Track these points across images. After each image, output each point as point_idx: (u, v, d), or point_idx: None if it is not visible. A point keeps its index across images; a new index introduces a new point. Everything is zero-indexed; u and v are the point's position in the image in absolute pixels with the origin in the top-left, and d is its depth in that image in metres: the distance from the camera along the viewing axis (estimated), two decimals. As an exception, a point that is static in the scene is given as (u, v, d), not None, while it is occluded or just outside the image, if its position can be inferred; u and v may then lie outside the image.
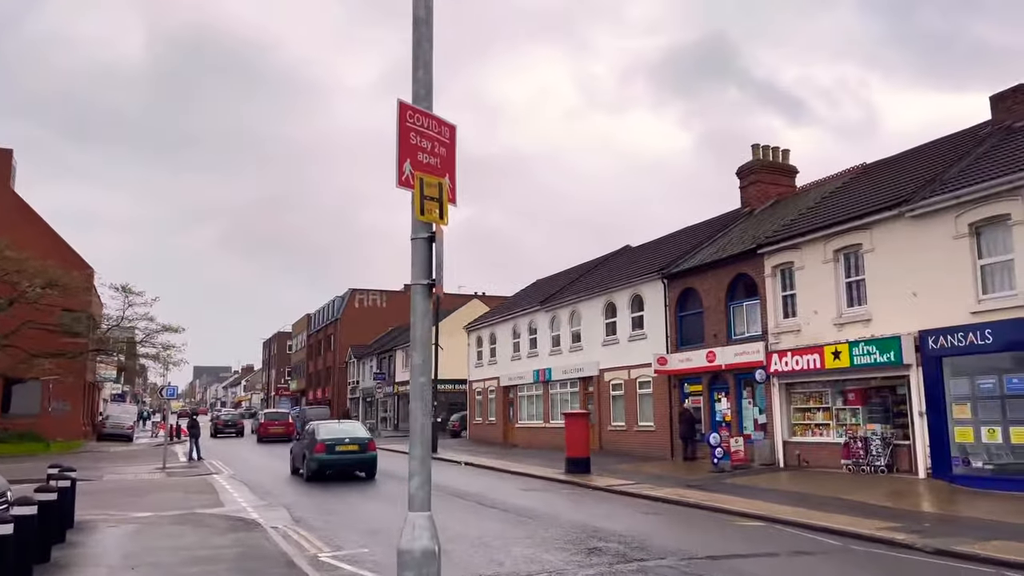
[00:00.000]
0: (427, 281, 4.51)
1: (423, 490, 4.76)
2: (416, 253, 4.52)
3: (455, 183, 4.81)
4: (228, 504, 16.38)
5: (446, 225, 4.59)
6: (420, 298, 4.55)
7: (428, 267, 4.51)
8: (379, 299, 78.07)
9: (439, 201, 4.53)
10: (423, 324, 4.52)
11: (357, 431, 23.25)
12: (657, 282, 27.07)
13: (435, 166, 4.73)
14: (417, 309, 4.54)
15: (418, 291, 4.55)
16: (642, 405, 27.89)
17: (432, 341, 4.29)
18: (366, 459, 21.78)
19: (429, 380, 4.47)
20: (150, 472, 24.48)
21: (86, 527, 12.40)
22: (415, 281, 4.53)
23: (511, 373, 37.71)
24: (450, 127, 5.08)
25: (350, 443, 21.64)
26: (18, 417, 38.82)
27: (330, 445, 21.35)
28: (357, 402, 69.73)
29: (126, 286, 40.12)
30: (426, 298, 4.55)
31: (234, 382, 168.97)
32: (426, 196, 4.46)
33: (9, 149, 42.16)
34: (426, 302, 4.56)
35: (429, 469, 4.72)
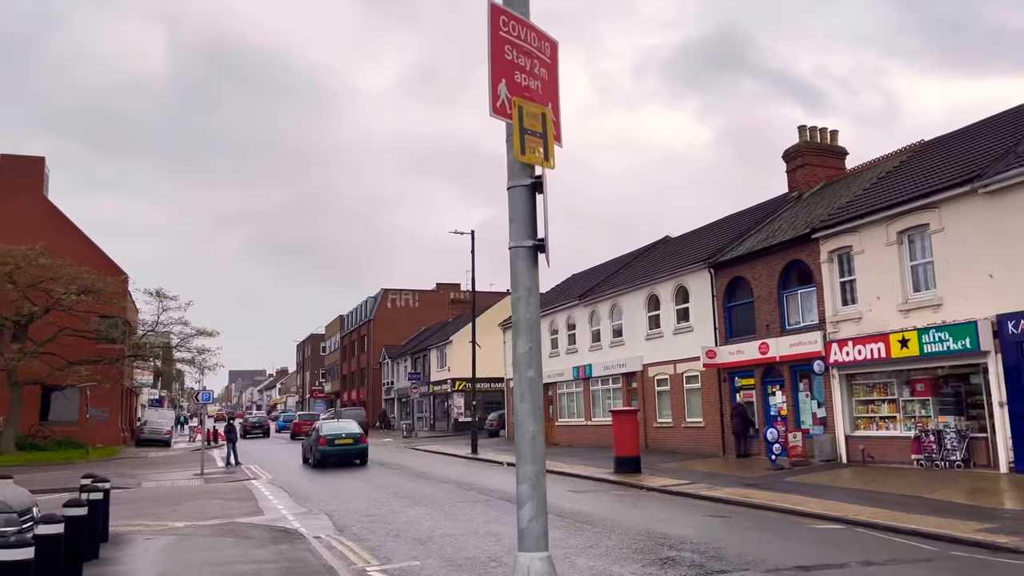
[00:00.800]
0: (531, 242, 3.38)
1: (538, 523, 3.50)
2: (515, 205, 3.43)
3: (559, 117, 3.67)
4: (268, 512, 15.72)
5: (552, 168, 3.49)
6: (524, 265, 3.37)
7: (531, 223, 3.39)
8: (411, 299, 77.62)
9: (543, 137, 3.47)
10: (528, 301, 3.40)
11: (352, 428, 28.41)
12: (703, 272, 25.99)
13: (536, 91, 3.60)
14: (520, 280, 3.38)
15: (520, 256, 3.39)
16: (690, 400, 26.84)
17: (539, 322, 3.31)
18: (360, 449, 27.18)
19: (539, 374, 3.44)
20: (188, 478, 24.01)
21: (121, 540, 11.76)
22: (516, 243, 3.42)
23: (549, 370, 36.80)
24: (551, 43, 3.97)
25: (346, 437, 27.22)
26: (57, 424, 38.85)
27: (330, 439, 26.96)
28: (392, 403, 69.32)
29: (160, 291, 40.05)
30: (531, 266, 3.39)
31: (269, 385, 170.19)
32: (527, 130, 3.40)
33: (41, 157, 42.28)
34: (531, 271, 3.40)
35: (544, 494, 3.60)
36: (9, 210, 39.37)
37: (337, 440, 27.02)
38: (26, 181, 40.76)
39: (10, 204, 39.74)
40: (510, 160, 3.51)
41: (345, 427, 28.57)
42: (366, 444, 27.89)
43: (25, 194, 40.42)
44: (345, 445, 26.91)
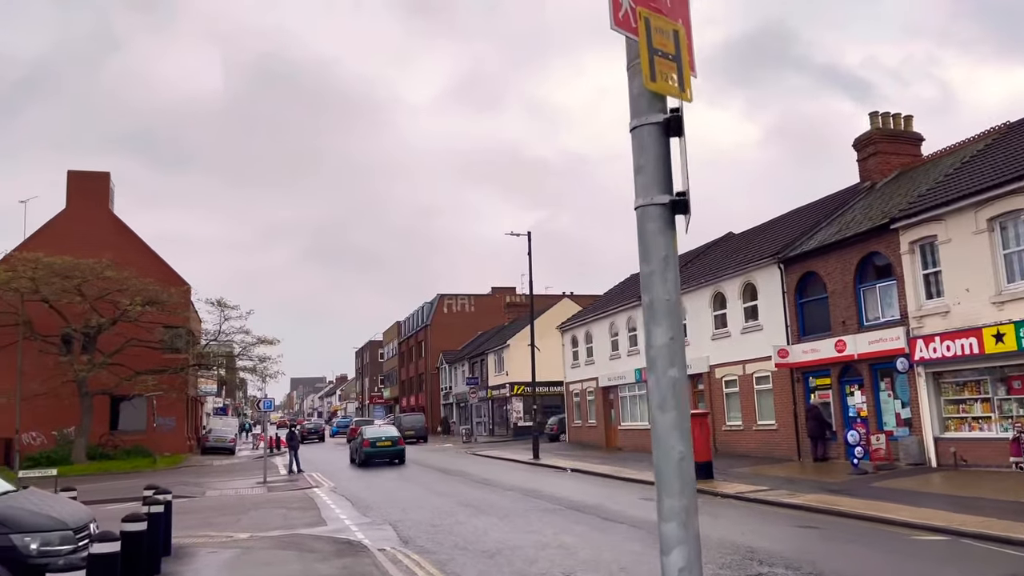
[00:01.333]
0: (666, 198, 2.52)
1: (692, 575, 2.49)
2: (643, 149, 2.57)
3: (692, 42, 2.81)
4: (331, 522, 15.36)
5: (690, 102, 2.62)
6: (656, 229, 2.53)
7: (665, 173, 2.53)
8: (467, 303, 77.42)
9: (676, 61, 2.63)
10: (665, 276, 2.51)
11: (391, 432, 33.10)
12: (772, 268, 24.87)
13: (663, 2, 2.72)
14: (652, 248, 2.53)
15: (651, 217, 2.55)
16: (760, 402, 25.71)
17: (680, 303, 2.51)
18: (397, 450, 31.27)
19: (684, 373, 2.62)
20: (251, 487, 23.95)
21: (184, 554, 11.47)
22: (645, 200, 2.56)
23: (611, 373, 35.96)
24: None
25: (386, 440, 31.45)
26: (126, 433, 39.59)
27: (373, 442, 31.15)
28: (451, 407, 69.16)
29: (221, 300, 40.54)
30: (666, 228, 2.54)
31: (329, 392, 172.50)
32: (656, 50, 2.55)
33: (106, 172, 43.26)
34: (667, 236, 2.54)
35: (697, 536, 2.55)
36: (77, 224, 40.34)
37: (378, 443, 31.29)
38: (92, 196, 41.75)
39: (77, 218, 40.73)
40: (634, 91, 2.67)
41: (385, 431, 33.35)
42: (403, 446, 32.15)
43: (92, 209, 41.39)
44: (385, 447, 31.16)
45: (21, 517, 6.92)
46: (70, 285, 34.86)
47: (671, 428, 2.49)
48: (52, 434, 38.01)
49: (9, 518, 6.81)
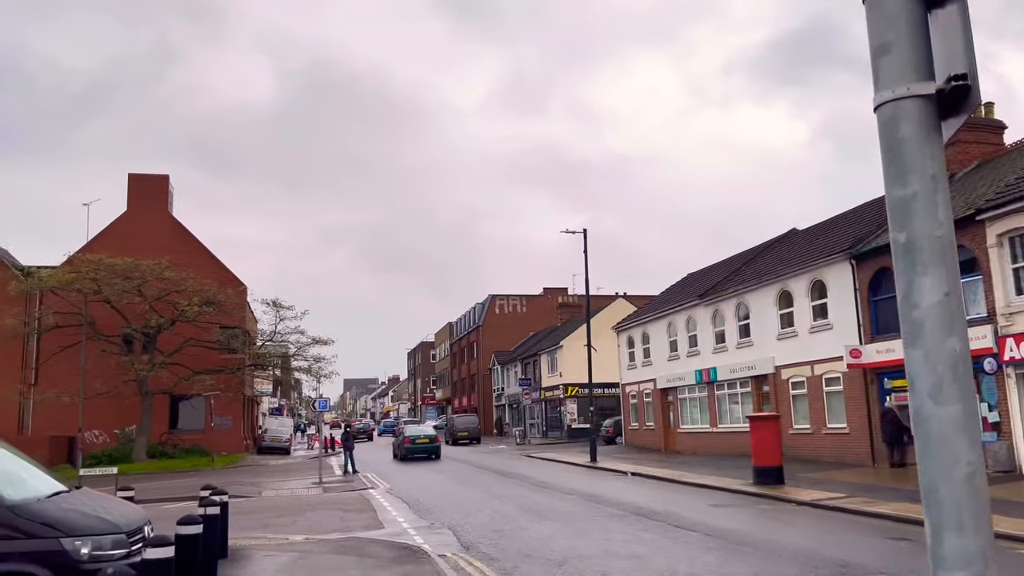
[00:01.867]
0: (930, 87, 1.76)
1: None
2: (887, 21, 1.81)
3: None
4: (388, 525, 14.93)
5: None
6: (914, 132, 1.77)
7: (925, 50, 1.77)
8: (519, 304, 76.93)
9: None
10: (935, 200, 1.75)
11: (428, 431, 37.78)
12: (843, 264, 23.70)
13: None
14: (911, 163, 1.75)
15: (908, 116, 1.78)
16: (831, 404, 24.54)
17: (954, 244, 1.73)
18: (433, 447, 35.54)
19: (967, 345, 1.81)
20: (307, 487, 23.77)
21: (240, 556, 11.13)
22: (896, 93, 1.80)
23: (669, 374, 34.98)
24: None
25: (423, 438, 36.04)
26: (185, 432, 40.08)
27: (412, 439, 35.71)
28: (503, 409, 68.73)
29: (276, 301, 40.79)
30: (931, 131, 1.77)
31: (381, 393, 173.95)
32: None
33: (165, 175, 43.94)
34: (932, 143, 1.77)
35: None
36: (137, 226, 41.05)
37: (417, 440, 35.76)
38: (152, 198, 42.45)
39: (138, 220, 41.44)
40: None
41: (423, 431, 37.88)
42: (439, 443, 36.45)
43: (151, 211, 42.08)
44: (423, 443, 35.50)
45: (72, 519, 6.57)
46: (131, 286, 35.41)
47: (954, 428, 1.68)
48: (114, 432, 38.69)
49: (59, 520, 6.46)
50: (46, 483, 7.43)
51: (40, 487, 7.23)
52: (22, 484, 7.10)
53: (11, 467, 7.45)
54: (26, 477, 7.43)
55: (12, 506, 6.38)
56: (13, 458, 7.73)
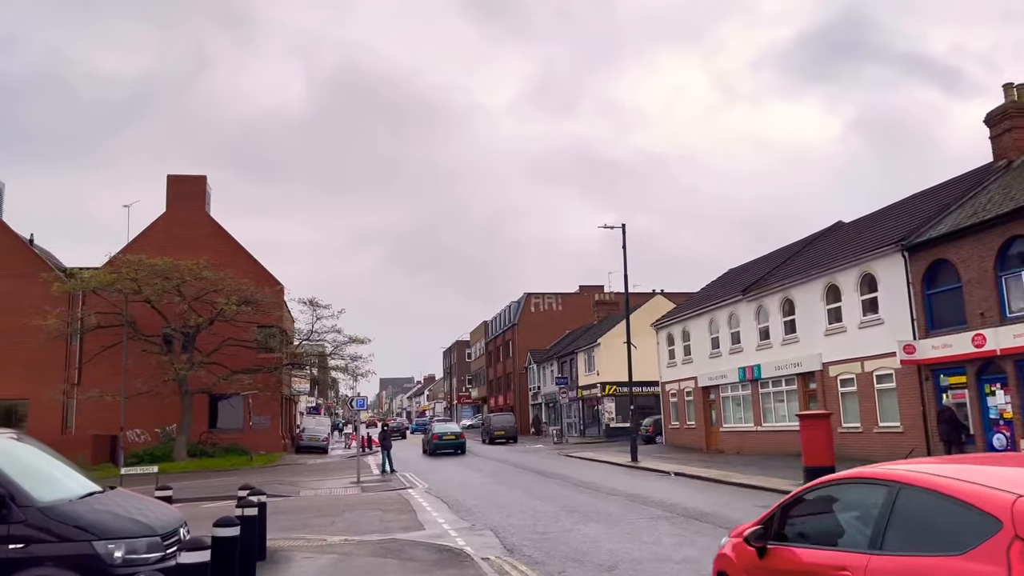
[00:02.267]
0: None
1: None
2: None
3: None
4: (428, 526, 14.58)
5: None
6: None
7: None
8: (554, 302, 76.37)
9: None
10: None
11: (454, 428, 42.65)
12: (894, 256, 22.80)
13: None
14: None
15: None
16: (882, 402, 23.66)
17: None
18: (459, 443, 39.52)
19: None
20: (345, 487, 23.57)
21: (279, 559, 10.84)
22: None
23: (711, 372, 34.21)
24: None
25: (450, 435, 40.19)
26: (224, 431, 40.33)
27: (440, 435, 39.94)
28: (539, 407, 68.26)
29: (313, 300, 40.78)
30: None
31: (417, 392, 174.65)
32: None
33: (203, 176, 44.27)
34: None
35: None
36: (175, 227, 41.41)
37: (444, 436, 39.97)
38: (190, 199, 42.80)
39: (176, 221, 41.80)
40: None
41: (449, 428, 42.69)
42: (464, 440, 40.50)
43: (189, 211, 42.42)
44: (449, 440, 39.71)
45: (105, 522, 6.28)
46: (170, 286, 35.67)
47: None
48: (155, 431, 39.07)
49: (92, 523, 6.17)
50: (80, 483, 7.17)
51: (74, 487, 6.97)
52: (55, 484, 6.84)
53: (44, 466, 7.20)
54: (60, 477, 7.18)
55: (43, 508, 6.11)
56: (46, 457, 7.49)
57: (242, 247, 43.61)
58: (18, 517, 5.96)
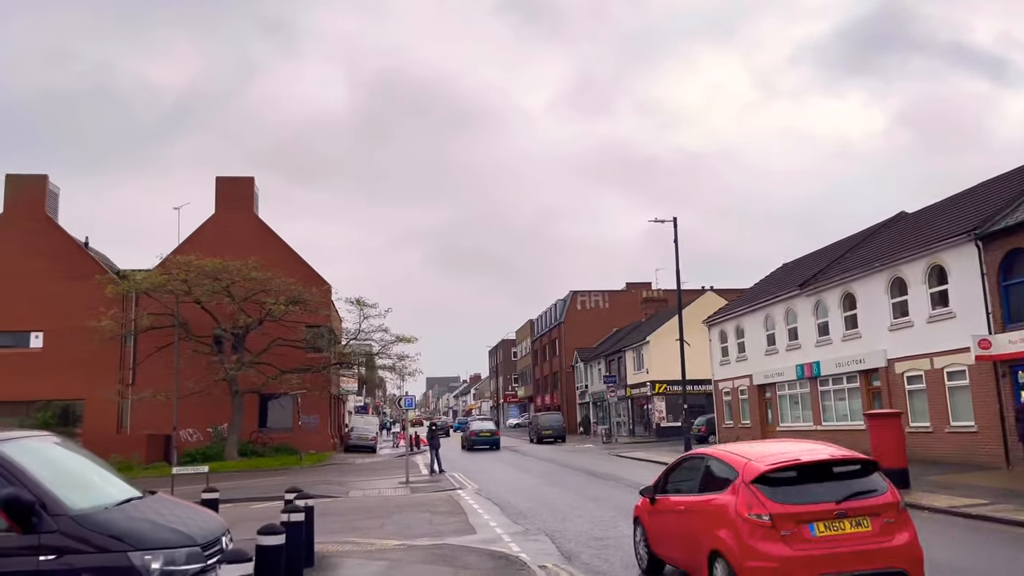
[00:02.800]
0: None
1: None
2: None
3: None
4: (480, 530, 14.06)
5: None
6: None
7: None
8: (601, 300, 75.42)
9: None
10: None
11: (489, 426, 47.46)
12: (967, 246, 21.56)
13: None
14: None
15: None
16: (954, 400, 22.41)
17: None
18: (494, 440, 44.33)
19: None
20: (394, 487, 23.23)
21: (328, 565, 10.42)
22: None
23: (766, 369, 33.09)
24: None
25: (485, 432, 45.16)
26: (274, 431, 40.50)
27: (477, 432, 44.98)
28: (587, 406, 67.45)
29: (360, 299, 40.60)
30: None
31: (463, 391, 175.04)
32: None
33: (250, 177, 44.54)
34: None
35: None
36: (224, 228, 41.72)
37: (480, 433, 44.87)
38: (238, 200, 43.09)
39: (225, 222, 42.13)
40: None
41: (485, 426, 47.71)
42: (498, 436, 45.59)
43: (238, 212, 42.71)
44: (485, 436, 44.46)
45: (142, 531, 5.87)
46: (219, 286, 35.88)
47: None
48: (207, 431, 39.37)
49: (128, 532, 5.77)
50: (118, 488, 6.79)
51: (112, 493, 6.58)
52: (91, 490, 6.47)
53: (81, 471, 6.85)
54: (97, 482, 6.81)
55: (77, 516, 5.71)
56: (85, 460, 7.14)
57: (289, 247, 43.77)
58: (49, 526, 5.58)
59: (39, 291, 39.26)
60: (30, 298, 39.22)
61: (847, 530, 6.94)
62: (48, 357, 39.24)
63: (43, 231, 40.75)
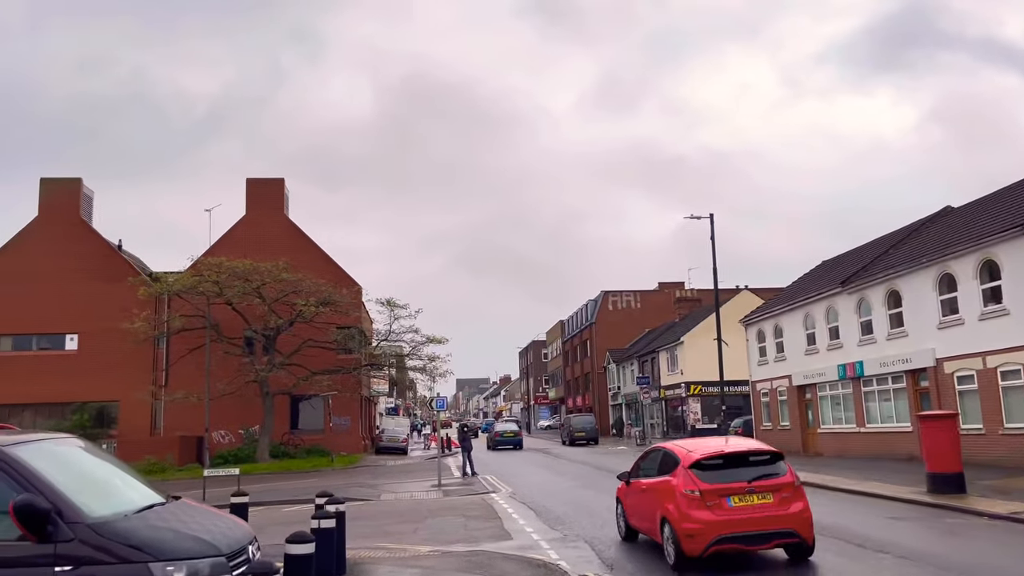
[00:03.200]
0: None
1: None
2: None
3: None
4: (516, 535, 13.57)
5: None
6: None
7: None
8: (632, 300, 74.56)
9: None
10: None
11: (512, 427, 51.15)
12: (1021, 240, 20.61)
13: None
14: None
15: None
16: (1009, 401, 21.44)
17: None
18: (517, 440, 47.45)
19: None
20: (426, 490, 22.84)
21: (359, 573, 10.02)
22: None
23: (806, 370, 32.18)
24: None
25: (509, 432, 48.55)
26: (305, 432, 40.43)
27: (500, 432, 48.58)
28: (619, 408, 66.67)
29: (391, 300, 40.40)
30: None
31: (493, 393, 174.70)
32: None
33: (281, 179, 44.60)
34: None
35: None
36: (255, 229, 41.78)
37: (504, 433, 48.41)
38: (269, 201, 43.14)
39: (256, 224, 42.18)
40: None
41: (508, 427, 51.70)
42: (521, 437, 49.03)
43: (268, 214, 42.76)
44: (508, 436, 47.86)
45: (164, 540, 5.49)
46: (250, 288, 35.86)
47: None
48: (239, 432, 39.42)
49: (149, 542, 5.38)
50: (141, 494, 6.42)
51: (134, 498, 6.21)
52: (111, 496, 6.10)
53: (101, 475, 6.49)
54: (119, 487, 6.44)
55: (95, 524, 5.33)
56: (105, 464, 6.78)
57: (320, 249, 43.72)
58: (65, 535, 5.20)
59: (73, 294, 39.64)
60: (65, 301, 39.62)
61: (755, 502, 9.55)
62: (83, 359, 39.59)
63: (77, 234, 41.14)
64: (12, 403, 39.11)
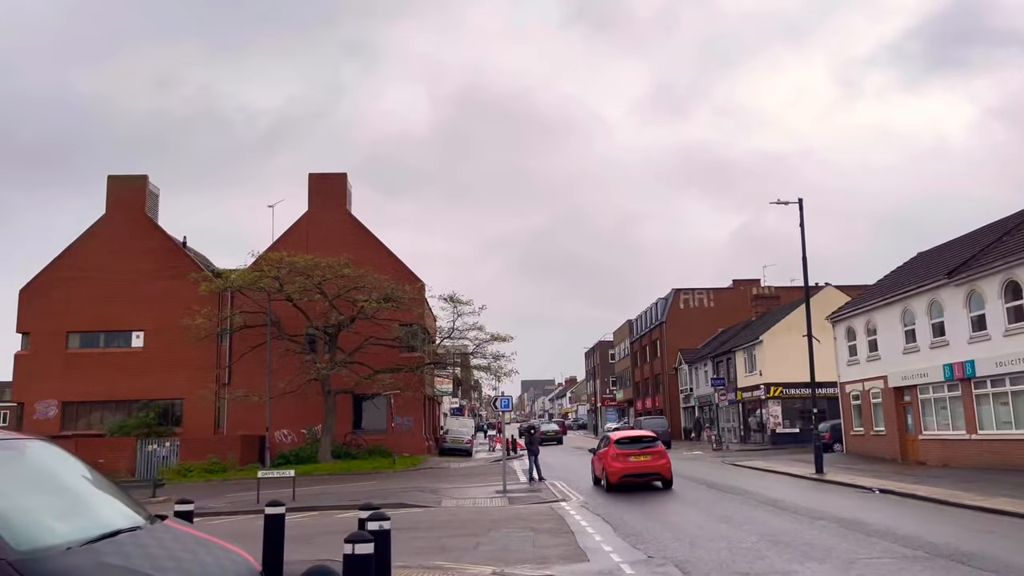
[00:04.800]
0: None
1: None
2: None
3: None
4: (593, 555, 11.76)
5: None
6: None
7: None
8: (705, 298, 71.54)
9: None
10: None
11: (554, 427, 67.83)
12: None
13: None
14: None
15: None
16: None
17: None
18: (558, 438, 62.12)
19: None
20: (490, 496, 21.22)
21: (408, 603, 8.38)
22: None
23: (905, 370, 29.33)
24: None
25: (552, 431, 62.29)
26: (368, 432, 39.40)
27: (544, 432, 55.75)
28: (691, 411, 63.91)
29: (454, 296, 38.91)
30: None
31: (559, 394, 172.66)
32: None
33: (343, 174, 43.68)
34: None
35: None
36: (317, 225, 41.02)
37: (548, 433, 58.15)
38: (331, 196, 42.34)
39: (318, 219, 41.42)
40: None
41: (550, 427, 64.21)
42: (561, 435, 62.16)
43: (331, 209, 41.95)
44: (551, 435, 58.77)
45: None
46: (311, 283, 34.97)
47: None
48: (301, 432, 38.62)
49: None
50: (111, 515, 4.89)
51: (99, 521, 4.67)
52: (66, 518, 4.57)
53: (66, 490, 4.99)
54: (85, 505, 4.92)
55: (18, 560, 3.80)
56: (78, 476, 5.26)
57: (382, 244, 42.68)
58: (-27, 577, 3.68)
59: (139, 290, 39.60)
60: (131, 297, 39.60)
61: (643, 460, 21.04)
62: (149, 356, 39.49)
63: (143, 231, 41.11)
64: (80, 400, 39.31)
